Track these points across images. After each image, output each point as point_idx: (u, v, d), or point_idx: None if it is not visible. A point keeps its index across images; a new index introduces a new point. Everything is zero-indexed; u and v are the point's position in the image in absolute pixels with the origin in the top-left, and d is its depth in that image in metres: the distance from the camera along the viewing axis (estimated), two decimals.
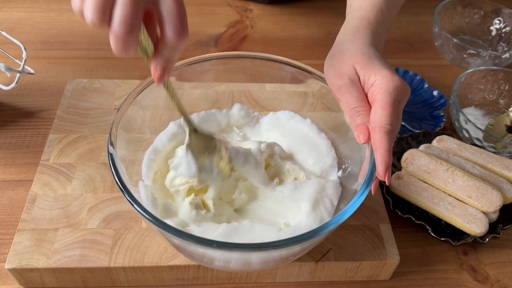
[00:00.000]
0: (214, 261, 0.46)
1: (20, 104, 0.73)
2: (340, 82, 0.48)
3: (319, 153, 0.59)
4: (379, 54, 0.50)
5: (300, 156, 0.60)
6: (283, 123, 0.63)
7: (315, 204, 0.51)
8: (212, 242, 0.41)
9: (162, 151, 0.57)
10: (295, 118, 0.63)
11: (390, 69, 0.47)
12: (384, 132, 0.44)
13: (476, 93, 0.80)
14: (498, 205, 0.58)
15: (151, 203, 0.51)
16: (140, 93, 0.53)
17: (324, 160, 0.58)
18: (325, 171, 0.58)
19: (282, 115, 0.63)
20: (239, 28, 0.94)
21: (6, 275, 0.54)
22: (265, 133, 0.63)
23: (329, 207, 0.52)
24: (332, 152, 0.59)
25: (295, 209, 0.52)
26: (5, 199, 0.61)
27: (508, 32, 0.91)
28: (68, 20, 0.91)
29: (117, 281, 0.53)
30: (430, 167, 0.61)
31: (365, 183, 0.46)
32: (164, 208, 0.52)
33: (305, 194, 0.53)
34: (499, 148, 0.70)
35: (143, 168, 0.55)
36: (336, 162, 0.58)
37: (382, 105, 0.45)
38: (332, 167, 0.58)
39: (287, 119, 0.63)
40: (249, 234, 0.49)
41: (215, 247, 0.41)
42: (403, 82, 0.46)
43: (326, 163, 0.58)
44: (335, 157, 0.59)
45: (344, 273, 0.56)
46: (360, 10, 0.54)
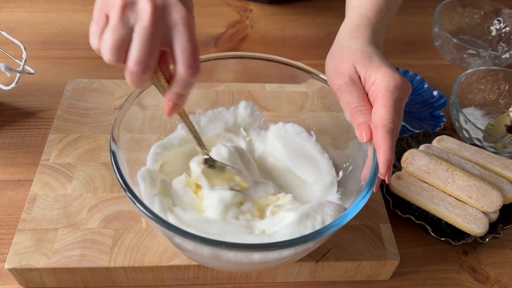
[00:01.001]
0: (212, 259, 0.46)
1: (20, 104, 0.73)
2: (340, 81, 0.48)
3: (320, 172, 0.59)
4: (379, 52, 0.50)
5: (301, 173, 0.60)
6: (290, 137, 0.63)
7: (303, 217, 0.47)
8: (214, 242, 0.41)
9: (170, 149, 0.57)
10: (302, 134, 0.63)
11: (390, 67, 0.47)
12: (386, 130, 0.44)
13: (476, 93, 0.80)
14: (498, 205, 0.58)
15: (150, 179, 0.51)
16: (140, 93, 0.53)
17: (324, 179, 0.58)
18: (325, 189, 0.57)
19: (291, 129, 0.63)
20: (239, 28, 0.94)
21: (6, 275, 0.54)
22: (270, 142, 0.63)
23: (318, 225, 0.47)
24: (332, 171, 0.59)
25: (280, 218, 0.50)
26: (5, 199, 0.61)
27: (508, 32, 0.91)
28: (68, 20, 0.91)
29: (117, 281, 0.53)
30: (430, 167, 0.61)
31: (368, 183, 0.46)
32: (162, 184, 0.53)
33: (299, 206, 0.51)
34: (499, 148, 0.70)
35: (148, 159, 0.55)
36: (335, 181, 0.58)
37: (383, 104, 0.45)
38: (332, 186, 0.58)
39: (295, 134, 0.63)
40: (221, 230, 0.49)
41: (220, 247, 0.41)
42: (404, 79, 0.46)
43: (326, 181, 0.58)
44: (335, 176, 0.58)
45: (344, 273, 0.56)
46: (360, 8, 0.54)
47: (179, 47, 0.39)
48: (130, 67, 0.37)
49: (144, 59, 0.37)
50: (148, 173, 0.52)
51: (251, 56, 0.59)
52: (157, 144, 0.57)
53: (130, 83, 0.38)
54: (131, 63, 0.37)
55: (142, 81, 0.38)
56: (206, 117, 0.62)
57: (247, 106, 0.64)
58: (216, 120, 0.62)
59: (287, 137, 0.63)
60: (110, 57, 0.37)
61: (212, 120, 0.62)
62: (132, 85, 0.38)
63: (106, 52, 0.37)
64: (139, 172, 0.52)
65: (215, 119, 0.62)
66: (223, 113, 0.63)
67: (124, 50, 0.37)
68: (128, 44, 0.37)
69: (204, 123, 0.61)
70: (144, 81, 0.38)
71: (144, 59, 0.37)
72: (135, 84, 0.38)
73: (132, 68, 0.37)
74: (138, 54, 0.37)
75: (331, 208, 0.49)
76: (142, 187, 0.51)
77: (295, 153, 0.62)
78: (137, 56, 0.37)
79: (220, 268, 0.51)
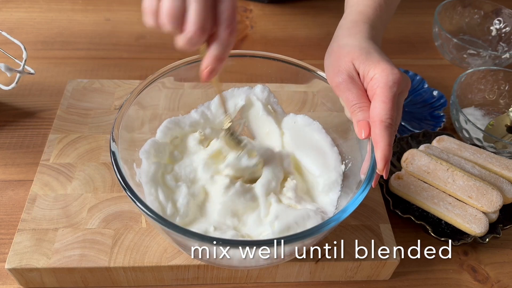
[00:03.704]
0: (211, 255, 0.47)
1: (20, 104, 0.73)
2: (339, 78, 0.48)
3: (327, 166, 0.57)
4: (378, 48, 0.49)
5: (308, 164, 0.58)
6: (299, 127, 0.61)
7: (283, 231, 0.49)
8: (213, 239, 0.42)
9: (182, 128, 0.58)
10: (312, 125, 0.61)
11: (389, 62, 0.47)
12: (384, 126, 0.44)
13: (476, 93, 0.80)
14: (498, 205, 0.58)
15: (155, 151, 0.54)
16: (140, 92, 0.53)
17: (329, 174, 0.56)
18: (328, 185, 0.56)
19: (301, 120, 0.61)
20: (239, 28, 0.94)
21: (6, 275, 0.54)
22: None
23: None
24: (339, 168, 0.57)
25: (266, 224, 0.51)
26: (5, 199, 0.61)
27: (508, 32, 0.91)
28: (68, 20, 0.91)
29: (117, 281, 0.53)
30: (430, 167, 0.61)
31: (366, 179, 0.46)
32: (171, 155, 0.56)
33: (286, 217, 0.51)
34: (499, 148, 0.70)
35: (158, 133, 0.57)
36: (340, 180, 0.56)
37: (382, 99, 0.45)
38: (336, 183, 0.56)
39: (304, 125, 0.61)
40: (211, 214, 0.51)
41: (215, 244, 0.41)
42: (402, 74, 0.46)
43: (331, 177, 0.56)
44: (340, 174, 0.57)
45: (344, 273, 0.55)
46: (358, 5, 0.54)
47: (223, 9, 0.41)
48: (190, 31, 0.39)
49: (203, 22, 0.39)
50: (154, 144, 0.54)
51: (250, 54, 0.59)
52: (170, 120, 0.58)
53: (186, 44, 0.40)
54: (192, 27, 0.39)
55: (198, 43, 0.41)
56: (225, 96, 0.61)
57: (263, 89, 0.61)
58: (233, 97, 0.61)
59: (297, 128, 0.61)
60: (171, 25, 0.39)
61: (231, 97, 0.61)
62: (187, 47, 0.40)
63: (167, 21, 0.39)
64: (146, 143, 0.54)
65: (232, 96, 0.61)
66: (241, 91, 0.61)
67: (182, 17, 0.39)
68: (184, 12, 0.39)
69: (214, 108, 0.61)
70: (199, 43, 0.41)
71: (202, 22, 0.39)
72: (191, 45, 0.40)
73: (192, 32, 0.39)
74: (196, 18, 0.39)
75: (314, 223, 0.49)
76: (144, 156, 0.53)
77: (304, 145, 0.60)
78: (196, 21, 0.39)
79: (221, 263, 0.51)
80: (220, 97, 0.52)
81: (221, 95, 0.52)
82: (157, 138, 0.56)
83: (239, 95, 0.61)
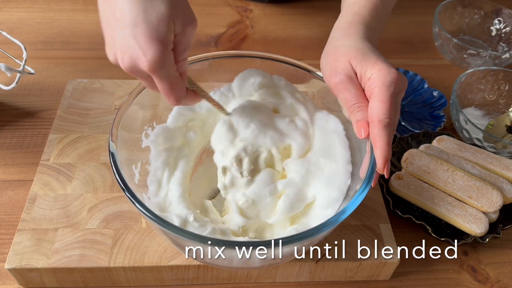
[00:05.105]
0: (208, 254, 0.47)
1: (20, 104, 0.73)
2: (336, 79, 0.48)
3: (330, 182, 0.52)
4: (374, 48, 0.49)
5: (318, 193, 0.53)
6: (329, 131, 0.56)
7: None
8: (210, 239, 0.42)
9: (196, 112, 0.58)
10: (340, 133, 0.55)
11: (386, 62, 0.47)
12: (382, 126, 0.44)
13: (476, 93, 0.80)
14: (498, 205, 0.58)
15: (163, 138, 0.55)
16: (140, 92, 0.53)
17: (330, 192, 0.51)
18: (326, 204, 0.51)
19: (333, 123, 0.56)
20: (239, 28, 0.94)
21: (6, 275, 0.54)
22: None
23: None
24: (343, 187, 0.51)
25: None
26: (5, 199, 0.61)
27: (508, 32, 0.91)
28: (68, 20, 0.91)
29: (117, 281, 0.53)
30: (430, 167, 0.61)
31: (366, 179, 0.46)
32: (185, 140, 0.57)
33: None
34: (499, 148, 0.70)
35: (170, 118, 0.57)
36: (341, 198, 0.51)
37: (380, 99, 0.45)
38: (335, 202, 0.50)
39: (333, 130, 0.56)
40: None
41: (210, 244, 0.42)
42: (399, 74, 0.46)
43: (331, 196, 0.51)
44: (343, 193, 0.51)
45: (344, 273, 0.55)
46: (354, 6, 0.54)
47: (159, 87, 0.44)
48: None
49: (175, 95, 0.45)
50: (164, 131, 0.55)
51: (251, 55, 0.59)
52: (181, 107, 0.57)
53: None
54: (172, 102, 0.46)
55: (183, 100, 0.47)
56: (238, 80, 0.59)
57: (280, 79, 0.59)
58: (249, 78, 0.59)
59: (326, 131, 0.56)
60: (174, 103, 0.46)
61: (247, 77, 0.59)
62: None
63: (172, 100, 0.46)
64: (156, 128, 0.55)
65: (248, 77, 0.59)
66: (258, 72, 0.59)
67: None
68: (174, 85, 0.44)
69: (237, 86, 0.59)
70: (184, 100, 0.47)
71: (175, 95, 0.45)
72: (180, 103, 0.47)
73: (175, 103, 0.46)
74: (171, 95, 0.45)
75: None
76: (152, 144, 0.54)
77: (324, 153, 0.54)
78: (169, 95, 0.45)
79: (217, 264, 0.51)
80: (209, 99, 0.52)
81: (208, 96, 0.52)
82: (167, 124, 0.57)
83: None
